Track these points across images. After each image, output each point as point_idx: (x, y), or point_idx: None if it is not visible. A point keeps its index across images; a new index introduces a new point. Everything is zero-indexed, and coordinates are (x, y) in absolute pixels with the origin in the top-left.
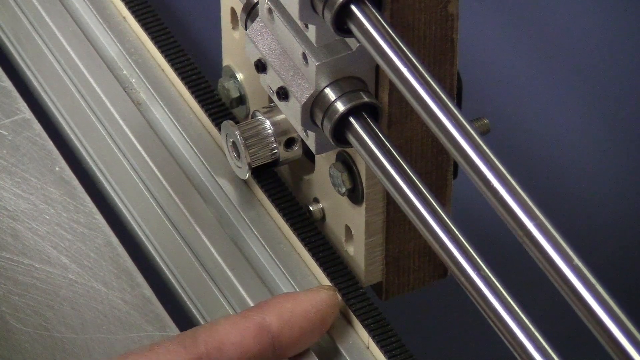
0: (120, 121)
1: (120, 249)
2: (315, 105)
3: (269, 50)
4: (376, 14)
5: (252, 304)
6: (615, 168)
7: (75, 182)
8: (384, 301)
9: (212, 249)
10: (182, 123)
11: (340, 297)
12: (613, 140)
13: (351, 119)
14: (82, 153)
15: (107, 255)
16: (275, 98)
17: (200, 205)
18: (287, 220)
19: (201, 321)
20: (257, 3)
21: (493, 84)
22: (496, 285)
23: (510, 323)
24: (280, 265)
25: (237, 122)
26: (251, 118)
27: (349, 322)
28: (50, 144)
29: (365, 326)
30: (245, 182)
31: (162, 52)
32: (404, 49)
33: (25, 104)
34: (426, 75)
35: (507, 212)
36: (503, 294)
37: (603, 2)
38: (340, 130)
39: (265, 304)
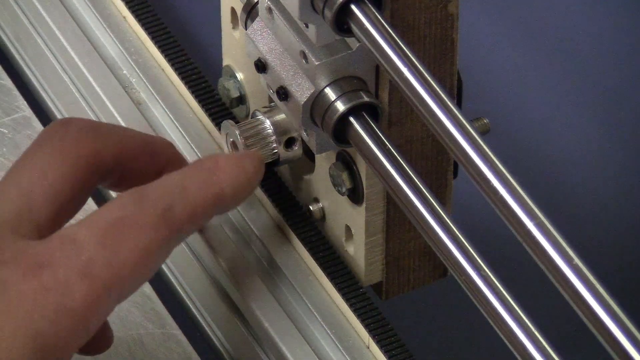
0: (121, 121)
1: None
2: (315, 105)
3: (269, 50)
4: (376, 13)
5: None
6: (615, 167)
7: None
8: (384, 301)
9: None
10: (182, 123)
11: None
12: (613, 140)
13: (351, 119)
14: None
15: None
16: (275, 98)
17: None
18: (287, 220)
19: (200, 319)
20: (257, 3)
21: (493, 84)
22: (496, 285)
23: (510, 323)
24: (280, 265)
25: (237, 122)
26: (251, 118)
27: (349, 322)
28: None
29: (365, 326)
30: None
31: (162, 52)
32: (404, 48)
33: (25, 102)
34: (426, 75)
35: (507, 212)
36: (503, 294)
37: (603, 1)
38: (341, 129)
39: (219, 170)
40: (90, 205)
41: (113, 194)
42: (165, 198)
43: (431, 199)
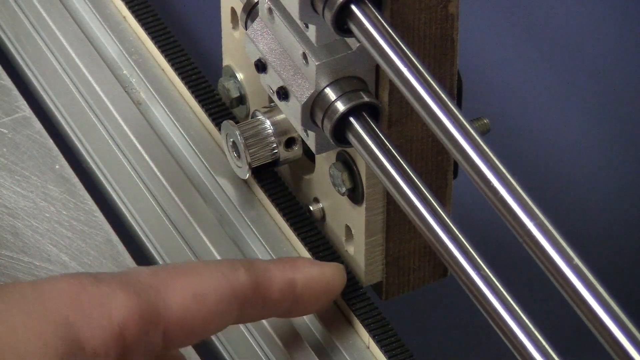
0: (120, 121)
1: (120, 247)
2: (315, 105)
3: (269, 50)
4: (376, 13)
5: None
6: (615, 167)
7: (75, 180)
8: (384, 301)
9: (212, 249)
10: (182, 123)
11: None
12: (613, 140)
13: (351, 119)
14: (82, 153)
15: (107, 253)
16: (275, 98)
17: (200, 205)
18: (287, 220)
19: None
20: (257, 3)
21: (493, 84)
22: (496, 285)
23: (510, 323)
24: None
25: (237, 122)
26: (251, 118)
27: (349, 322)
28: (50, 142)
29: (365, 326)
30: (245, 182)
31: (162, 52)
32: (404, 48)
33: (25, 102)
34: (426, 75)
35: (507, 212)
36: (503, 294)
37: (604, 1)
38: (341, 130)
39: (294, 264)
40: (90, 203)
41: None
42: (232, 262)
43: (431, 199)
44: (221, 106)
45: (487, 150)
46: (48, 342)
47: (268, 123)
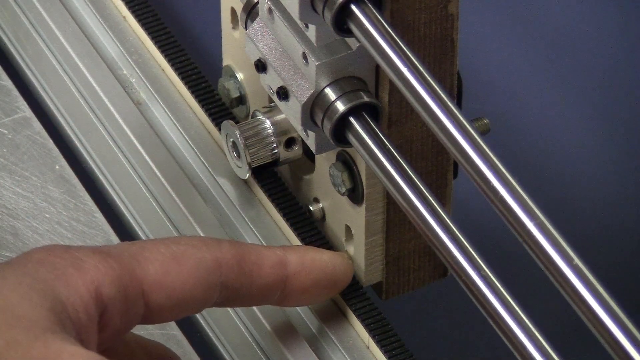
0: (120, 121)
1: None
2: (315, 105)
3: (269, 50)
4: (376, 13)
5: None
6: (615, 167)
7: (75, 181)
8: (384, 301)
9: None
10: (182, 123)
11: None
12: (614, 140)
13: (351, 119)
14: (82, 153)
15: None
16: (275, 98)
17: (200, 205)
18: (287, 220)
19: (200, 319)
20: (257, 3)
21: (493, 84)
22: (496, 285)
23: (510, 323)
24: None
25: (237, 122)
26: (251, 118)
27: (349, 322)
28: (50, 143)
29: (365, 326)
30: (245, 181)
31: (162, 52)
32: (404, 48)
33: (25, 103)
34: (426, 75)
35: (507, 212)
36: (503, 294)
37: (604, 2)
38: (340, 130)
39: (288, 246)
40: (90, 203)
41: None
42: (217, 238)
43: (431, 199)
44: (221, 106)
45: (487, 150)
46: (36, 301)
47: (268, 123)
